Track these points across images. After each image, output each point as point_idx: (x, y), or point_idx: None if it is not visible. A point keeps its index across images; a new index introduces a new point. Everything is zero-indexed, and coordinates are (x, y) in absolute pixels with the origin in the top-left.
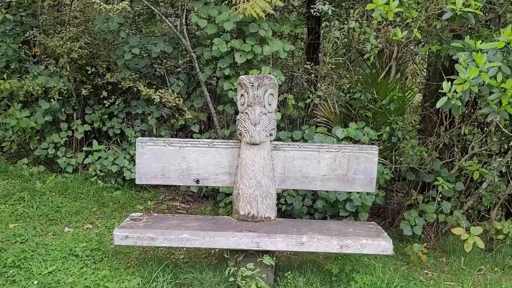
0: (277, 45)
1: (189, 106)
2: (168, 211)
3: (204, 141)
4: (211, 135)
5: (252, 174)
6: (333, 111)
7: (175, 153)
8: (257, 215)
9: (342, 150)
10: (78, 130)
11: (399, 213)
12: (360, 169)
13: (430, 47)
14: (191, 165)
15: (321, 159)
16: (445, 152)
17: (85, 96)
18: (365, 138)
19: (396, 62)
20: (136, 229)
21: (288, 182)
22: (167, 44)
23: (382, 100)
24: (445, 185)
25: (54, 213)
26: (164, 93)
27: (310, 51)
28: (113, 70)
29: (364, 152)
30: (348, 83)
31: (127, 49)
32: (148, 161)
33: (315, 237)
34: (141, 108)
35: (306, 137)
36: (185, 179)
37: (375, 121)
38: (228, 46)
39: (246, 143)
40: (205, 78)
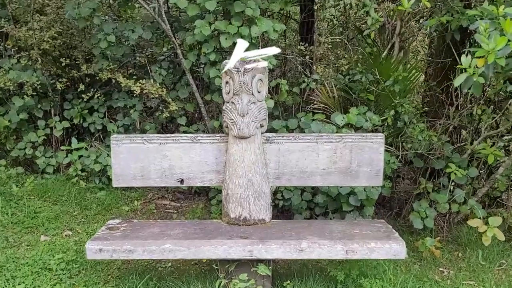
0: (267, 24)
1: (175, 96)
2: (157, 211)
3: (187, 136)
4: (199, 127)
5: (242, 171)
6: (332, 96)
7: (155, 151)
8: (249, 218)
9: (344, 140)
10: (57, 128)
11: (406, 203)
12: (365, 161)
13: (439, 19)
14: (174, 163)
15: (320, 151)
16: (454, 135)
17: (62, 91)
18: (368, 124)
19: (399, 38)
20: (111, 241)
21: (283, 179)
22: (145, 30)
23: (385, 81)
24: (458, 172)
25: (31, 219)
26: (145, 84)
27: (304, 31)
28: (91, 61)
29: (369, 141)
30: (346, 64)
31: (102, 36)
32: (125, 160)
33: (316, 242)
34: (123, 101)
35: (303, 126)
36: (168, 180)
37: (377, 105)
38: (212, 28)
39: (233, 136)
40: (189, 66)
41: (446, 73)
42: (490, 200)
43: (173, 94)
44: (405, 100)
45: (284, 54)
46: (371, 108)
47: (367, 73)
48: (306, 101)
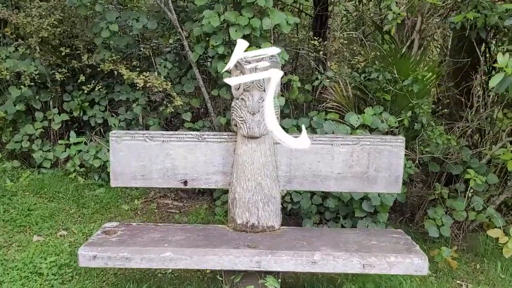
0: (280, 17)
1: (180, 91)
2: (158, 211)
3: (192, 134)
4: (205, 124)
5: (251, 174)
6: (346, 95)
7: (158, 149)
8: (257, 224)
9: (361, 142)
10: (55, 120)
11: (419, 208)
12: (383, 165)
13: (466, 15)
14: (177, 163)
15: (335, 153)
16: (471, 139)
17: (62, 82)
18: (384, 125)
19: (419, 35)
20: (107, 247)
21: (295, 182)
22: (151, 20)
23: (403, 80)
24: (478, 178)
25: (24, 217)
26: (148, 77)
27: (317, 26)
28: (92, 51)
29: (388, 144)
30: (363, 61)
31: (104, 25)
32: (125, 159)
33: (330, 254)
34: (126, 94)
35: (315, 125)
36: (170, 180)
37: (393, 105)
38: (221, 19)
39: (243, 136)
40: (196, 58)
41: (465, 73)
42: (508, 209)
43: (178, 88)
44: (423, 101)
45: (295, 49)
46: (386, 108)
47: (385, 71)
48: (318, 99)
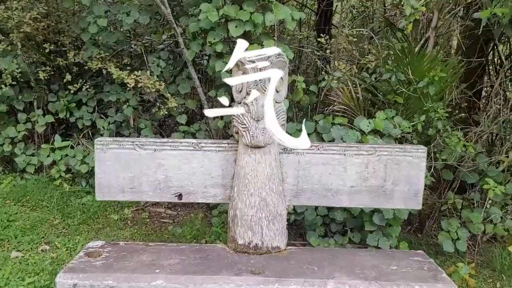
0: (284, 12)
1: (174, 91)
2: (150, 220)
3: (188, 142)
4: (201, 127)
5: (254, 188)
6: (355, 97)
7: (149, 159)
8: (261, 245)
9: (377, 152)
10: (39, 122)
11: (428, 217)
12: (402, 178)
13: (493, 11)
14: (171, 174)
15: (348, 164)
16: (487, 145)
17: (47, 81)
18: (397, 131)
19: (434, 32)
20: (90, 273)
21: (303, 197)
22: (142, 14)
23: (418, 82)
24: (497, 189)
25: (3, 229)
26: (140, 76)
27: (321, 22)
28: (80, 47)
29: (408, 154)
30: (373, 60)
31: (91, 20)
32: (112, 169)
33: (345, 282)
34: (116, 94)
35: (321, 130)
36: (163, 194)
37: (405, 108)
38: (220, 14)
39: (245, 145)
40: (192, 57)
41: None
42: None
43: (173, 89)
44: (439, 105)
45: (300, 47)
46: (398, 112)
47: (398, 71)
48: (324, 102)
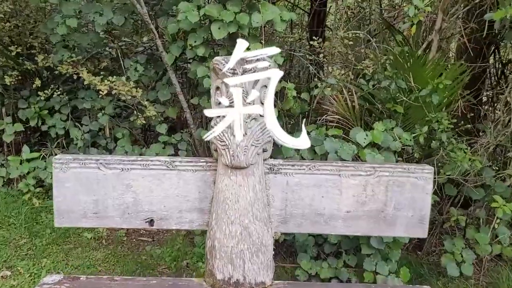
0: (272, 12)
1: (154, 99)
2: (128, 239)
3: (160, 161)
4: (183, 137)
5: (235, 215)
6: (350, 106)
7: (115, 180)
8: (243, 281)
9: (377, 173)
10: (7, 131)
11: (429, 233)
12: (405, 202)
13: (509, 11)
14: (141, 197)
15: (343, 187)
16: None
17: (17, 86)
18: (397, 144)
19: (438, 35)
20: None
21: (292, 223)
22: (117, 14)
23: (420, 89)
24: (507, 207)
25: None
26: (114, 82)
27: (314, 24)
28: (50, 50)
29: (412, 175)
30: (371, 65)
31: (60, 20)
32: (72, 192)
33: None
34: (90, 101)
35: (313, 143)
36: (132, 219)
37: (405, 118)
38: (201, 14)
39: (225, 165)
40: (171, 61)
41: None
42: None
43: (152, 96)
44: (443, 115)
45: (290, 50)
46: (397, 122)
47: (398, 78)
48: (316, 110)
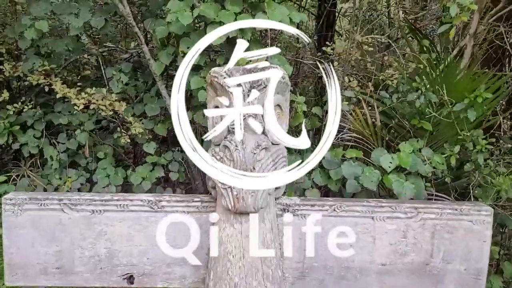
0: (280, 13)
1: (140, 113)
2: None
3: (142, 200)
4: (175, 157)
5: (240, 276)
6: (371, 122)
7: (85, 225)
8: None
9: (420, 215)
10: None
11: None
12: (457, 253)
13: None
14: (117, 247)
15: (377, 232)
16: None
17: None
18: (427, 168)
19: (473, 40)
20: None
21: (311, 279)
22: (96, 15)
23: (454, 104)
24: None
25: None
26: (93, 94)
27: (323, 27)
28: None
29: (465, 218)
30: (395, 75)
31: (28, 22)
32: (29, 241)
33: None
34: (68, 115)
35: (327, 166)
36: (106, 276)
37: (433, 137)
38: (195, 15)
39: (226, 209)
40: (160, 70)
41: None
42: None
43: (139, 110)
44: (478, 133)
45: (297, 57)
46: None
47: (429, 91)
48: None
